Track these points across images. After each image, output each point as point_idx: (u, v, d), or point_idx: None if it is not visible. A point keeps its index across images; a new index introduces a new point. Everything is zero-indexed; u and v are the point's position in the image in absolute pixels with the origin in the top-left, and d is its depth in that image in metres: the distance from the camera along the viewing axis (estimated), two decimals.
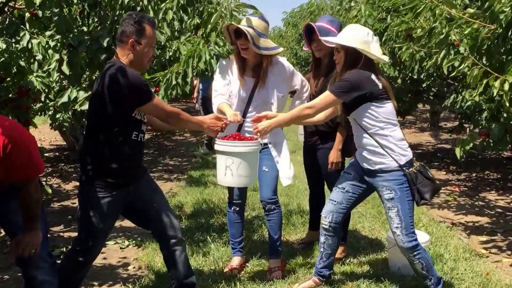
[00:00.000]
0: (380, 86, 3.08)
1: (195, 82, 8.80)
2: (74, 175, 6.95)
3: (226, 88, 3.51)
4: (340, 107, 3.26)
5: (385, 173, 3.08)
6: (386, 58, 3.22)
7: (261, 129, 3.19)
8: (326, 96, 3.12)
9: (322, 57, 3.78)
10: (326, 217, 3.30)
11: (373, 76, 3.08)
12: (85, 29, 4.18)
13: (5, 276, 3.72)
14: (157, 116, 2.89)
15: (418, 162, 3.14)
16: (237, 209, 3.72)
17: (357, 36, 3.10)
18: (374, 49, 3.13)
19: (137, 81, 2.68)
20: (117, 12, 3.67)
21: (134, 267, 3.88)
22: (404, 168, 3.04)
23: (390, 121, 3.09)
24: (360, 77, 3.06)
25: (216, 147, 3.20)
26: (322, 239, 3.36)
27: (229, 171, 3.14)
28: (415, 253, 3.09)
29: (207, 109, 8.63)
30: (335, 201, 3.29)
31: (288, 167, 3.56)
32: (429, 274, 3.15)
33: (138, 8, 3.61)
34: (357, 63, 3.10)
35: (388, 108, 3.10)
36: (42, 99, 4.42)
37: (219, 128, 3.11)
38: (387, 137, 3.07)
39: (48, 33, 3.62)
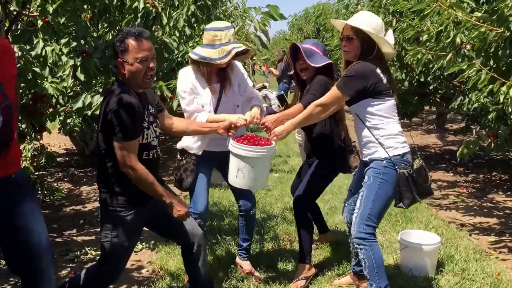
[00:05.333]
0: (385, 81, 2.97)
1: None
2: (84, 179, 7.02)
3: (196, 102, 3.35)
4: None
5: (371, 162, 3.03)
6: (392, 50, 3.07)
7: (278, 133, 3.14)
8: (333, 91, 3.02)
9: (306, 79, 3.61)
10: (347, 219, 3.38)
11: (378, 70, 2.96)
12: (95, 35, 4.24)
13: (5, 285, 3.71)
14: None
15: (420, 161, 3.03)
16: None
17: (372, 23, 2.96)
18: (389, 40, 3.01)
19: (127, 118, 2.57)
20: (133, 19, 3.72)
21: (148, 270, 3.93)
22: (396, 166, 2.94)
23: (389, 116, 3.00)
24: (363, 68, 2.94)
25: (230, 148, 3.15)
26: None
27: (240, 174, 3.11)
28: (360, 246, 2.96)
29: None
30: (347, 203, 3.39)
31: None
32: (370, 278, 2.97)
33: (153, 15, 3.67)
34: (370, 53, 2.97)
35: (388, 104, 3.00)
36: (54, 104, 4.49)
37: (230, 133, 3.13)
38: (382, 130, 2.98)
39: (63, 40, 3.67)
